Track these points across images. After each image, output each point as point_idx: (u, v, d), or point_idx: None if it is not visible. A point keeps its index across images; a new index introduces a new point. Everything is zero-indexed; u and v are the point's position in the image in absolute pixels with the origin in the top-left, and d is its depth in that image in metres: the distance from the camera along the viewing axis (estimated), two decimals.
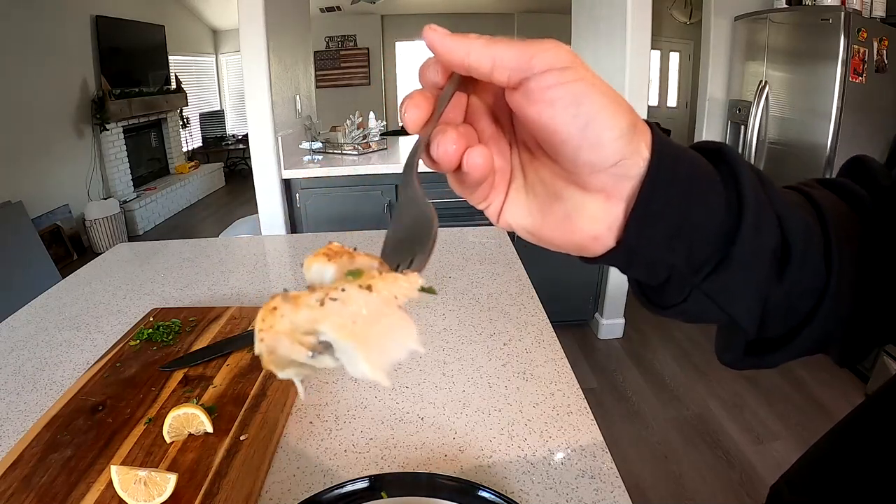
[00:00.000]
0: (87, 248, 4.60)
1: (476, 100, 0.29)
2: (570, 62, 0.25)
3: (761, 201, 0.28)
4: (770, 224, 0.28)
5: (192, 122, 6.92)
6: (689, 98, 6.72)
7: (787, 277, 0.29)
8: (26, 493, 0.58)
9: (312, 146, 2.83)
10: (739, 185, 0.28)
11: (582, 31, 2.94)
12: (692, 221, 0.27)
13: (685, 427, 2.13)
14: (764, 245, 0.28)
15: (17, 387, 0.82)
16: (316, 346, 0.24)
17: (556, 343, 0.89)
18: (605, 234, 0.28)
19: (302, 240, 1.52)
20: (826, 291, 0.30)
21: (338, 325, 0.23)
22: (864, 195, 0.34)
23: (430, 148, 0.27)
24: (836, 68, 2.44)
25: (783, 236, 0.29)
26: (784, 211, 0.29)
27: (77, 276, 1.26)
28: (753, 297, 0.29)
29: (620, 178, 0.26)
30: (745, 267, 0.28)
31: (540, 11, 7.51)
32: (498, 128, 0.29)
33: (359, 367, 0.23)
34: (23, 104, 4.08)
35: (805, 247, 0.29)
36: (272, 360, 0.24)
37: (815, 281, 0.30)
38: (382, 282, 0.25)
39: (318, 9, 7.09)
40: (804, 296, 0.30)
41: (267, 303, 0.25)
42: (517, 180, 0.30)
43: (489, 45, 0.25)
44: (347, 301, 0.24)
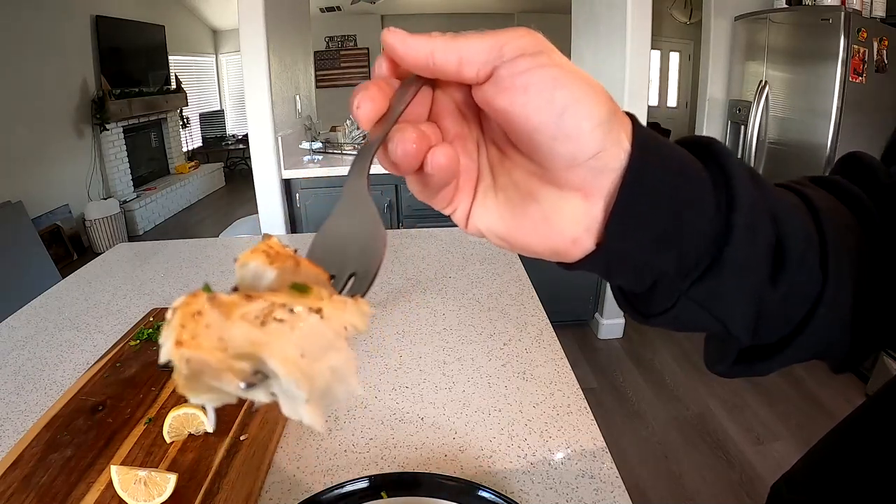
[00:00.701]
0: (87, 248, 4.60)
1: (441, 95, 0.26)
2: (543, 47, 0.23)
3: (754, 202, 0.26)
4: (764, 225, 0.26)
5: (192, 122, 6.92)
6: (689, 98, 6.72)
7: (781, 282, 0.27)
8: (26, 493, 0.58)
9: (312, 146, 2.83)
10: (731, 182, 0.26)
11: (582, 31, 2.94)
12: (678, 221, 0.25)
13: (685, 427, 2.13)
14: (758, 247, 0.26)
15: (17, 387, 0.82)
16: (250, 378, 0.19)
17: (556, 343, 0.89)
18: (583, 237, 0.25)
19: (302, 240, 1.52)
20: (822, 296, 0.28)
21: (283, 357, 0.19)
22: (860, 194, 0.32)
23: (387, 147, 0.24)
24: (836, 68, 2.44)
25: (778, 238, 0.27)
26: (779, 211, 0.27)
27: (77, 276, 1.26)
28: (746, 303, 0.27)
29: (599, 173, 0.24)
30: (737, 271, 0.26)
31: (540, 11, 7.51)
32: (465, 125, 0.27)
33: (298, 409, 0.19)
34: (23, 104, 4.08)
35: (802, 250, 0.27)
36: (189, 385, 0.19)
37: (812, 285, 0.28)
38: (333, 307, 0.20)
39: (318, 9, 7.08)
40: (799, 301, 0.28)
41: (185, 300, 0.20)
42: (485, 181, 0.27)
43: (454, 40, 0.23)
44: (296, 327, 0.19)
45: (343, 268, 0.24)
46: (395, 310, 1.02)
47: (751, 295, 0.27)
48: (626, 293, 0.31)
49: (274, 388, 0.20)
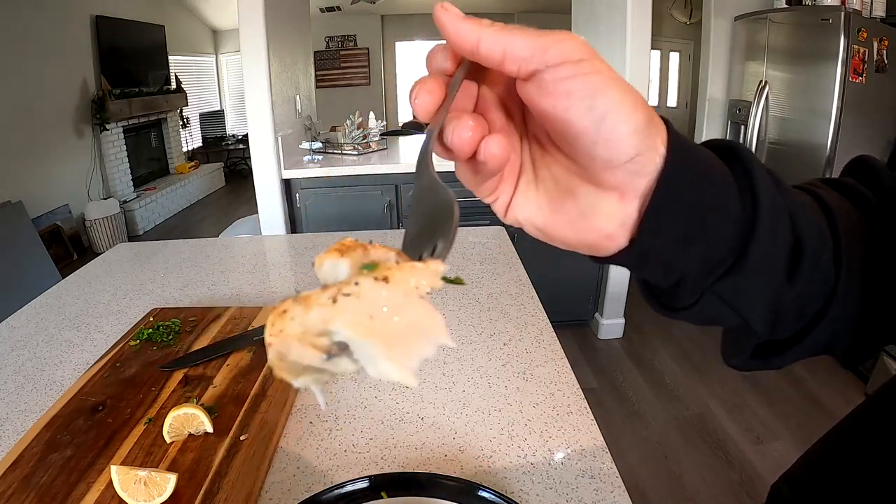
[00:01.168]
0: (87, 248, 4.60)
1: (486, 90, 0.28)
2: (585, 54, 0.24)
3: (777, 202, 0.27)
4: (784, 226, 0.28)
5: (192, 122, 6.92)
6: (689, 98, 6.72)
7: (798, 279, 0.29)
8: (26, 493, 0.58)
9: (312, 146, 2.83)
10: (755, 185, 0.27)
11: (582, 31, 2.94)
12: (707, 221, 0.26)
13: (685, 427, 2.13)
14: (779, 247, 0.28)
15: (17, 387, 0.82)
16: (330, 348, 0.21)
17: (556, 343, 0.89)
18: (617, 233, 0.27)
19: (302, 240, 1.52)
20: (834, 294, 0.30)
21: (352, 322, 0.21)
22: (869, 195, 0.33)
23: (443, 135, 0.25)
24: (836, 68, 2.44)
25: (796, 238, 0.28)
26: (797, 212, 0.29)
27: (77, 276, 1.26)
28: (766, 299, 0.29)
29: (635, 175, 0.25)
30: (759, 269, 0.28)
31: (540, 11, 7.52)
32: (509, 120, 0.28)
33: (380, 366, 0.21)
34: (23, 104, 4.08)
35: (817, 249, 0.29)
36: (284, 367, 0.22)
37: (825, 283, 0.30)
38: (400, 272, 0.22)
39: (318, 9, 7.08)
40: (814, 298, 0.30)
41: (276, 306, 0.22)
42: (527, 174, 0.29)
43: (501, 33, 0.24)
44: (362, 295, 0.21)
45: (431, 243, 0.26)
46: None
47: (770, 292, 0.29)
48: (652, 287, 0.32)
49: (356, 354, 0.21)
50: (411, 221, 0.27)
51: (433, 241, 0.25)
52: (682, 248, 0.27)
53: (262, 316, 0.97)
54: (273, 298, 1.09)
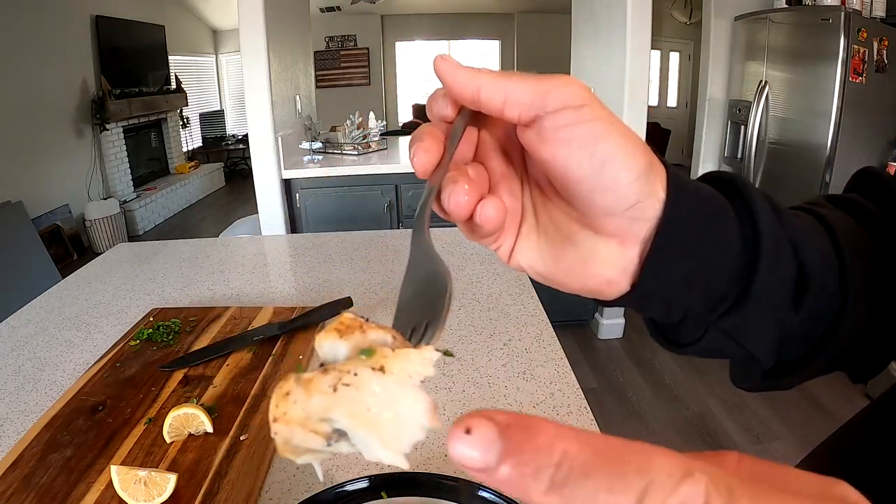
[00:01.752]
0: (87, 248, 4.60)
1: (487, 135, 0.28)
2: (586, 100, 0.24)
3: (778, 235, 0.27)
4: (787, 257, 0.28)
5: (192, 122, 6.92)
6: (689, 98, 6.72)
7: (804, 306, 0.29)
8: (26, 493, 0.58)
9: (312, 146, 2.83)
10: (755, 219, 0.27)
11: (582, 31, 2.94)
12: (708, 261, 0.26)
13: (685, 427, 2.13)
14: (782, 279, 0.28)
15: (17, 387, 0.82)
16: (331, 435, 0.23)
17: (556, 343, 0.89)
18: (619, 279, 0.27)
19: (302, 240, 1.52)
20: (842, 314, 0.30)
21: (351, 413, 0.22)
22: (874, 211, 0.33)
23: (440, 196, 0.26)
24: (836, 68, 2.44)
25: (800, 265, 0.28)
26: (800, 239, 0.28)
27: (77, 276, 1.26)
28: (771, 330, 0.29)
29: (636, 221, 0.25)
30: (763, 303, 0.27)
31: (540, 11, 7.52)
32: (509, 165, 0.28)
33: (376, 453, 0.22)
34: (23, 104, 4.08)
35: (822, 274, 0.29)
36: (288, 449, 0.23)
37: (832, 306, 0.30)
38: (396, 360, 0.24)
39: (318, 9, 7.09)
40: (820, 321, 0.30)
41: (279, 385, 0.24)
42: (528, 220, 0.29)
43: (501, 79, 0.24)
44: (360, 387, 0.23)
45: (420, 320, 0.26)
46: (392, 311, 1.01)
47: (774, 322, 0.29)
48: (659, 324, 0.32)
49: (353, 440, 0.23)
50: (405, 286, 0.27)
51: (426, 315, 0.26)
52: (683, 288, 0.27)
53: (263, 316, 0.97)
54: (273, 298, 1.09)
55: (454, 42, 8.21)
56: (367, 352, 0.24)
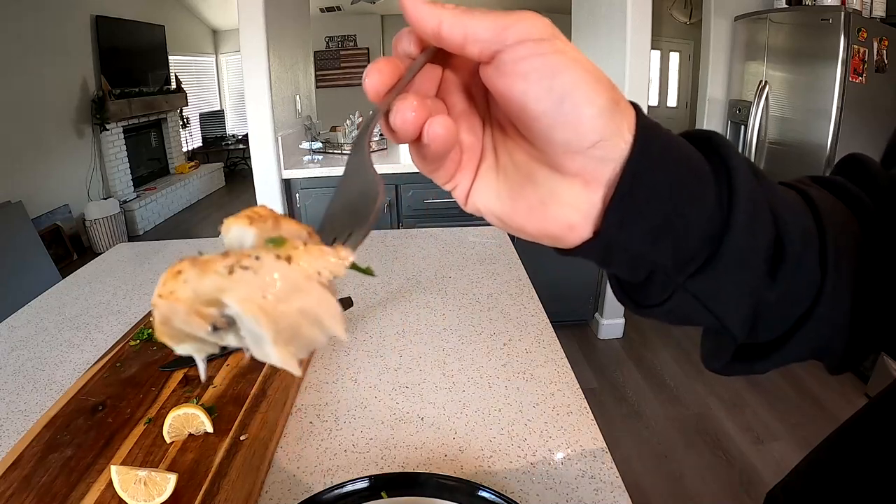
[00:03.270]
0: (87, 248, 4.60)
1: (450, 74, 0.27)
2: (546, 34, 0.23)
3: (755, 197, 0.26)
4: (764, 222, 0.26)
5: (192, 122, 6.92)
6: (689, 98, 6.72)
7: (780, 279, 0.27)
8: (26, 493, 0.58)
9: (312, 146, 2.83)
10: (732, 177, 0.25)
11: (582, 31, 2.94)
12: (678, 214, 0.25)
13: (685, 427, 2.13)
14: (757, 244, 0.26)
15: (17, 387, 0.82)
16: (218, 320, 0.20)
17: (556, 343, 0.89)
18: (581, 224, 0.25)
19: None
20: (821, 295, 0.28)
21: (243, 298, 0.20)
22: (861, 195, 0.32)
23: (388, 115, 0.24)
24: (836, 68, 2.44)
25: (778, 235, 0.27)
26: (780, 208, 0.27)
27: (77, 276, 1.26)
28: (743, 299, 0.27)
29: (600, 162, 0.24)
30: (735, 266, 0.26)
31: (540, 11, 7.50)
32: (471, 105, 0.27)
33: (265, 349, 0.20)
34: (23, 104, 4.08)
35: (802, 247, 0.27)
36: (166, 331, 0.21)
37: (810, 284, 0.28)
38: (306, 254, 0.21)
39: (318, 9, 7.08)
40: (798, 299, 0.28)
41: (172, 265, 0.21)
42: (487, 160, 0.27)
43: (463, 15, 0.23)
44: (260, 271, 0.20)
45: (348, 228, 0.24)
46: (395, 310, 1.02)
47: (748, 291, 0.27)
48: (623, 283, 0.30)
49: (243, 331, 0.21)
50: (334, 199, 0.26)
51: (351, 226, 0.24)
52: (650, 241, 0.25)
53: None
54: None
55: None
56: (276, 240, 0.22)
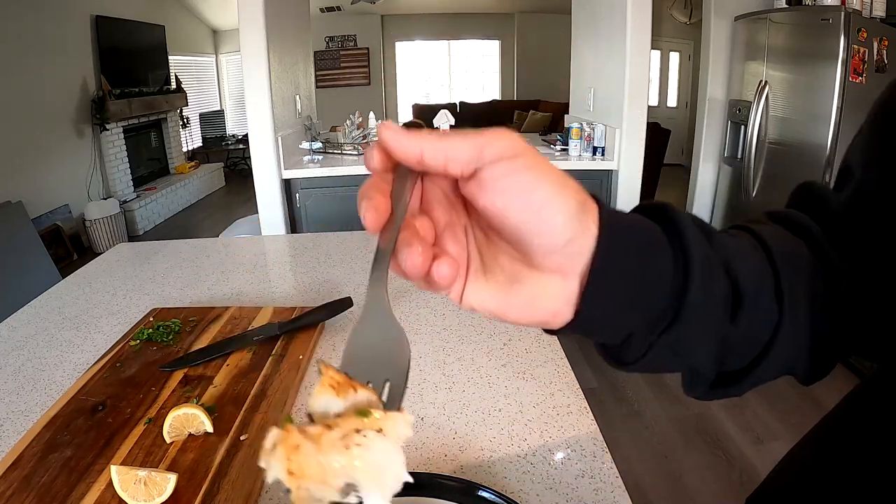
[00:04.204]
0: (87, 248, 4.60)
1: (430, 185, 0.29)
2: (519, 151, 0.26)
3: (707, 255, 0.30)
4: (718, 275, 0.30)
5: (192, 122, 6.92)
6: (689, 98, 6.72)
7: (740, 320, 0.31)
8: (26, 493, 0.58)
9: (312, 146, 2.83)
10: (685, 243, 0.29)
11: (582, 31, 2.94)
12: (643, 286, 0.29)
13: (685, 427, 2.13)
14: (714, 297, 0.30)
15: (17, 387, 0.82)
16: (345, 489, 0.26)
17: (556, 343, 0.89)
18: (563, 310, 0.29)
19: (302, 240, 1.52)
20: (780, 325, 0.32)
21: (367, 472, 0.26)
22: (810, 225, 0.36)
23: (397, 256, 0.27)
24: (836, 68, 2.44)
25: (733, 284, 0.31)
26: (731, 259, 0.31)
27: (77, 276, 1.26)
28: (709, 345, 0.31)
29: (573, 256, 0.27)
30: (697, 319, 0.30)
31: (540, 11, 7.51)
32: (452, 213, 0.30)
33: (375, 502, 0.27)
34: (23, 104, 4.08)
35: (756, 289, 0.31)
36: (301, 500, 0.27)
37: (769, 318, 0.32)
38: (389, 424, 0.28)
39: (318, 9, 7.09)
40: (759, 333, 0.32)
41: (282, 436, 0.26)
42: (475, 263, 0.30)
43: (441, 141, 0.26)
44: (370, 447, 0.27)
45: (377, 375, 0.29)
46: (395, 310, 1.02)
47: (713, 336, 0.31)
48: (606, 346, 0.34)
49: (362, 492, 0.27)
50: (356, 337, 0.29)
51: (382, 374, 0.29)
52: (622, 313, 0.29)
53: (263, 316, 0.97)
54: (273, 298, 1.09)
55: (454, 42, 8.21)
56: (364, 412, 0.28)
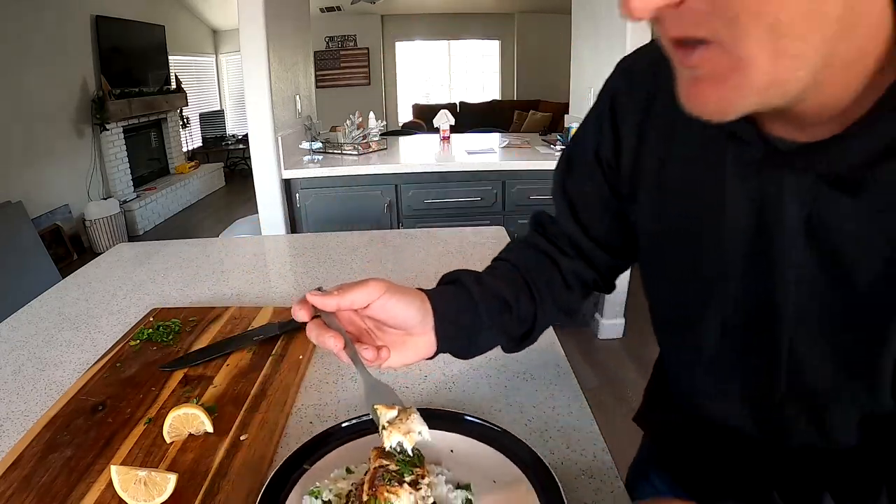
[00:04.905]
0: (87, 248, 4.60)
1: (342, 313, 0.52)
2: (383, 289, 0.50)
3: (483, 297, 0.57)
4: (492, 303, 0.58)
5: (192, 122, 6.92)
6: None
7: (515, 317, 0.59)
8: (26, 493, 0.58)
9: (312, 146, 2.83)
10: (469, 293, 0.57)
11: (582, 31, 2.94)
12: (460, 326, 0.56)
13: None
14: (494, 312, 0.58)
15: (17, 387, 0.82)
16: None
17: (556, 343, 0.89)
18: (430, 349, 0.56)
19: (302, 240, 1.52)
20: (537, 309, 0.61)
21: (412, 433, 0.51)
22: (542, 243, 0.64)
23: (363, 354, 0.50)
24: None
25: (504, 302, 0.58)
26: (496, 287, 0.58)
27: (77, 276, 1.26)
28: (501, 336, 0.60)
29: (425, 325, 0.54)
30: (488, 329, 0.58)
31: (540, 11, 7.51)
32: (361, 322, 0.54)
33: None
34: (23, 104, 4.08)
35: (516, 296, 0.59)
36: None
37: (531, 304, 0.61)
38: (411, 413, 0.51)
39: (318, 9, 7.08)
40: (527, 318, 0.60)
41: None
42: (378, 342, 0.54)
43: (344, 295, 0.48)
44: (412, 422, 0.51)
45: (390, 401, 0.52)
46: None
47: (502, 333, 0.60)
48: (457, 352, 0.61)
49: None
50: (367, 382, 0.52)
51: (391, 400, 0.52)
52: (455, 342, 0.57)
53: (263, 316, 0.97)
54: (273, 298, 1.09)
55: (454, 42, 8.21)
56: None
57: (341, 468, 0.57)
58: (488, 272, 0.61)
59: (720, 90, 0.32)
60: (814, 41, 0.29)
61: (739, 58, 0.30)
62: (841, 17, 0.29)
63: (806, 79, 0.31)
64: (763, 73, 0.30)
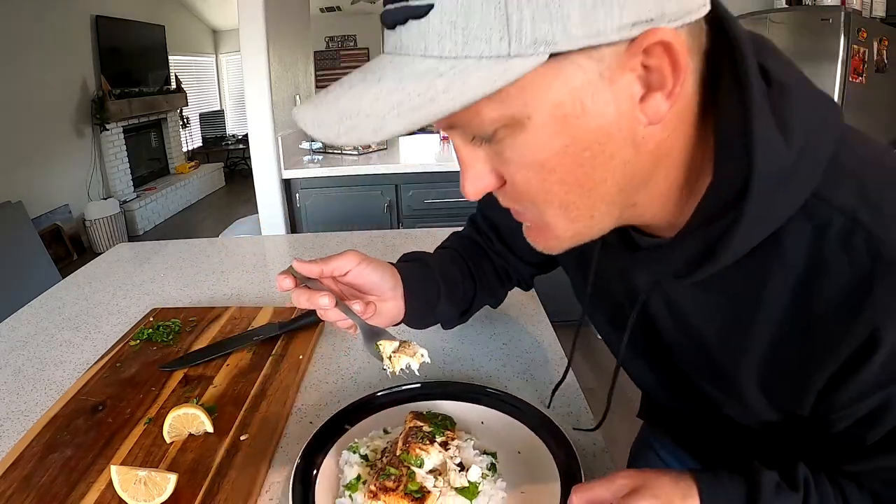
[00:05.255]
0: (87, 248, 4.60)
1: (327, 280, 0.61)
2: (361, 259, 0.60)
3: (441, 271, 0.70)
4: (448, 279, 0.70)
5: (192, 122, 6.92)
6: None
7: (460, 294, 0.72)
8: (26, 493, 0.58)
9: (312, 146, 2.83)
10: (431, 270, 0.69)
11: None
12: (425, 297, 0.68)
13: None
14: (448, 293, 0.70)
15: (17, 387, 0.82)
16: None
17: (556, 343, 0.89)
18: (399, 314, 0.66)
19: (302, 240, 1.52)
20: (475, 291, 0.74)
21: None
22: (480, 240, 0.79)
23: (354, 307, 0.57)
24: (836, 68, 2.44)
25: (455, 279, 0.71)
26: (450, 268, 0.72)
27: (77, 276, 1.26)
28: (453, 311, 0.73)
29: (396, 291, 0.64)
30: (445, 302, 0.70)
31: None
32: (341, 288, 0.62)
33: None
34: (23, 104, 4.08)
35: (462, 279, 0.72)
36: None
37: (472, 290, 0.74)
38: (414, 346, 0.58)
39: (318, 9, 7.08)
40: (466, 296, 0.73)
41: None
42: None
43: (328, 263, 0.58)
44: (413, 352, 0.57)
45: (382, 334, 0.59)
46: None
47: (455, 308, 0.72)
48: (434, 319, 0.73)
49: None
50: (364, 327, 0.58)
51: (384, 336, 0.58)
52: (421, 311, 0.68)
53: (263, 316, 0.97)
54: (273, 298, 1.09)
55: None
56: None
57: (378, 430, 0.64)
58: (441, 255, 0.75)
59: (543, 238, 0.43)
60: (601, 207, 0.39)
61: (546, 223, 0.41)
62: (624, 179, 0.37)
63: (610, 223, 0.42)
64: (565, 230, 0.41)
